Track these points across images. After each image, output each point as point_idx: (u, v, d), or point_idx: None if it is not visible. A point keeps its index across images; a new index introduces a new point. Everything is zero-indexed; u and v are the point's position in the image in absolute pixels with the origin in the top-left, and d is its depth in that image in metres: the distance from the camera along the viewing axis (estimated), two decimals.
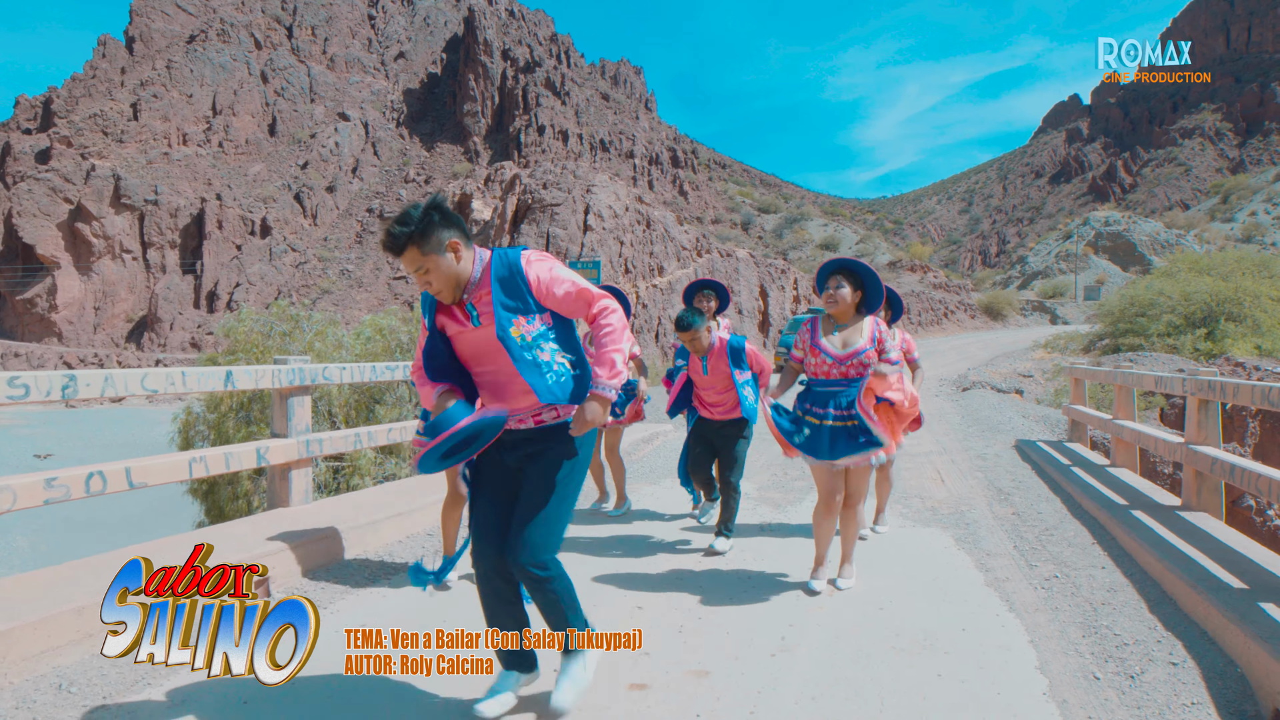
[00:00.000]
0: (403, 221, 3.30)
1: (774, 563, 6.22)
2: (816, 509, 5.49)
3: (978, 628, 4.75)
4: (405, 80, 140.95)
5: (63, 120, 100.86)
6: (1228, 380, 6.60)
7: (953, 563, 6.19)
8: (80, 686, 3.93)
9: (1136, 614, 5.01)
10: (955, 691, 3.89)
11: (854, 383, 5.21)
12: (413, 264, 3.34)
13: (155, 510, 22.91)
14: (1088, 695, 3.88)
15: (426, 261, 3.33)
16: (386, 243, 3.33)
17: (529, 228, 31.55)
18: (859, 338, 5.25)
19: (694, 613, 5.04)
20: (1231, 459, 6.32)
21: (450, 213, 3.42)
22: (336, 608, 5.17)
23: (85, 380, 5.15)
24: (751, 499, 8.55)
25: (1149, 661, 4.28)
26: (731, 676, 4.08)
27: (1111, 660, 4.31)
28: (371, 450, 12.21)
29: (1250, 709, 3.83)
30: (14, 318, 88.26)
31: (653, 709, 3.72)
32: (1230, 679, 4.08)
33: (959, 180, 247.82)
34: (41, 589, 4.54)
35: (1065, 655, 4.36)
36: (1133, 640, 4.56)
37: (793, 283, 50.27)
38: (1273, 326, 25.07)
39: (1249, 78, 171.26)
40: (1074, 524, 7.37)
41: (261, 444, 6.55)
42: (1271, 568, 5.25)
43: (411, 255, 3.31)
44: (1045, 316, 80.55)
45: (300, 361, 6.92)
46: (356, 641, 3.65)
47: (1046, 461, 10.32)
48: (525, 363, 3.43)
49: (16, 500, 4.66)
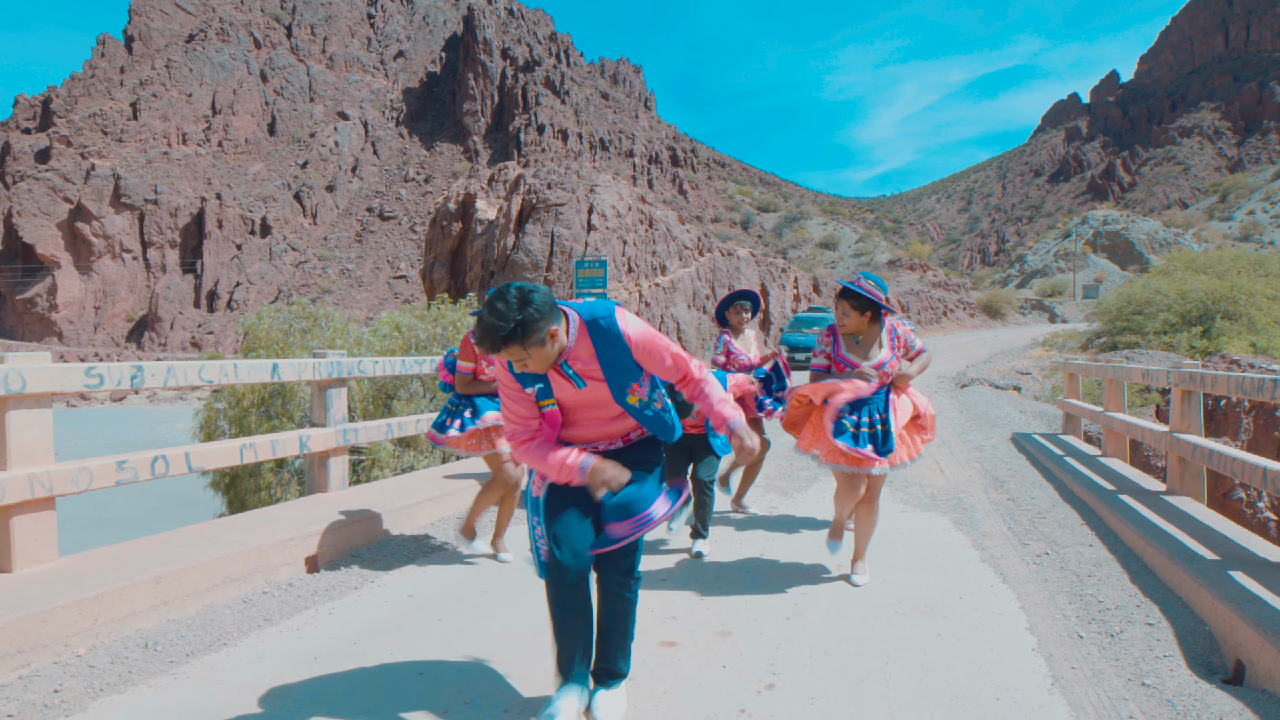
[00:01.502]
0: (500, 317, 3.17)
1: (784, 543, 6.67)
2: (838, 490, 5.61)
3: (973, 596, 5.19)
4: (405, 79, 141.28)
5: (62, 120, 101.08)
6: (1208, 372, 7.06)
7: (950, 542, 6.63)
8: (164, 645, 4.36)
9: (1119, 584, 5.46)
10: (953, 647, 4.33)
11: (876, 391, 5.38)
12: (514, 357, 3.29)
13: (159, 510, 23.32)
14: (1072, 650, 4.31)
15: (529, 354, 3.27)
16: (484, 341, 3.21)
17: (534, 227, 31.91)
18: (879, 350, 5.49)
19: (713, 585, 5.49)
20: (1211, 445, 6.76)
21: (541, 299, 3.27)
22: (382, 581, 5.60)
23: (151, 371, 5.58)
24: (759, 487, 9.00)
25: (1128, 623, 4.72)
26: (751, 635, 4.52)
27: (1094, 622, 4.75)
28: (390, 444, 12.65)
29: (1216, 660, 4.28)
30: (14, 317, 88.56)
31: (682, 662, 4.16)
32: (1200, 636, 4.54)
33: (958, 179, 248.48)
34: (118, 561, 4.97)
35: (1053, 618, 4.80)
36: (1114, 606, 5.01)
37: (793, 281, 50.69)
38: (1268, 324, 25.36)
39: (1247, 76, 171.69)
40: (1065, 508, 7.82)
41: (303, 433, 6.98)
42: (1243, 543, 5.70)
43: (513, 352, 3.25)
44: (1044, 315, 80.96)
45: (338, 355, 7.36)
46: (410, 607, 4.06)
47: (1041, 452, 10.76)
48: (647, 419, 3.60)
49: (93, 480, 5.09)
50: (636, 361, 3.50)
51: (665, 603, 5.10)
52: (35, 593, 4.35)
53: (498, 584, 5.54)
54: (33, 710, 3.62)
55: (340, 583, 5.55)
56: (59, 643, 4.17)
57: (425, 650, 4.33)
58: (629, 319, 3.49)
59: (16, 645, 3.97)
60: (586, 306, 3.48)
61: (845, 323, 5.50)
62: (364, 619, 4.83)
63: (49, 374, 4.86)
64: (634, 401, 3.54)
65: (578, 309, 3.48)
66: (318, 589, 5.39)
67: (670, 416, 3.70)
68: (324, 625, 4.73)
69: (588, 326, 3.42)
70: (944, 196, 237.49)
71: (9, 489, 4.62)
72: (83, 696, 3.78)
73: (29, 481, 4.72)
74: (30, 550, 4.81)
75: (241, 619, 4.81)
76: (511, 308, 3.17)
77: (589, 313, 3.46)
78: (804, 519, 7.49)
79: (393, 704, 3.68)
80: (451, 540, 6.76)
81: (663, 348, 3.54)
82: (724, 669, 4.07)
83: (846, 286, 5.54)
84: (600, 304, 3.49)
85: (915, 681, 3.91)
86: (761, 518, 7.58)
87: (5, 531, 4.73)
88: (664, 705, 3.67)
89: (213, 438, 13.98)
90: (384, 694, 3.79)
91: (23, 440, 4.79)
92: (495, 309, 3.18)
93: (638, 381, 3.54)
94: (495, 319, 3.16)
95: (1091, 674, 4.01)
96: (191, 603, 4.89)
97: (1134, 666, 4.11)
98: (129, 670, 4.07)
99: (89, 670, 4.03)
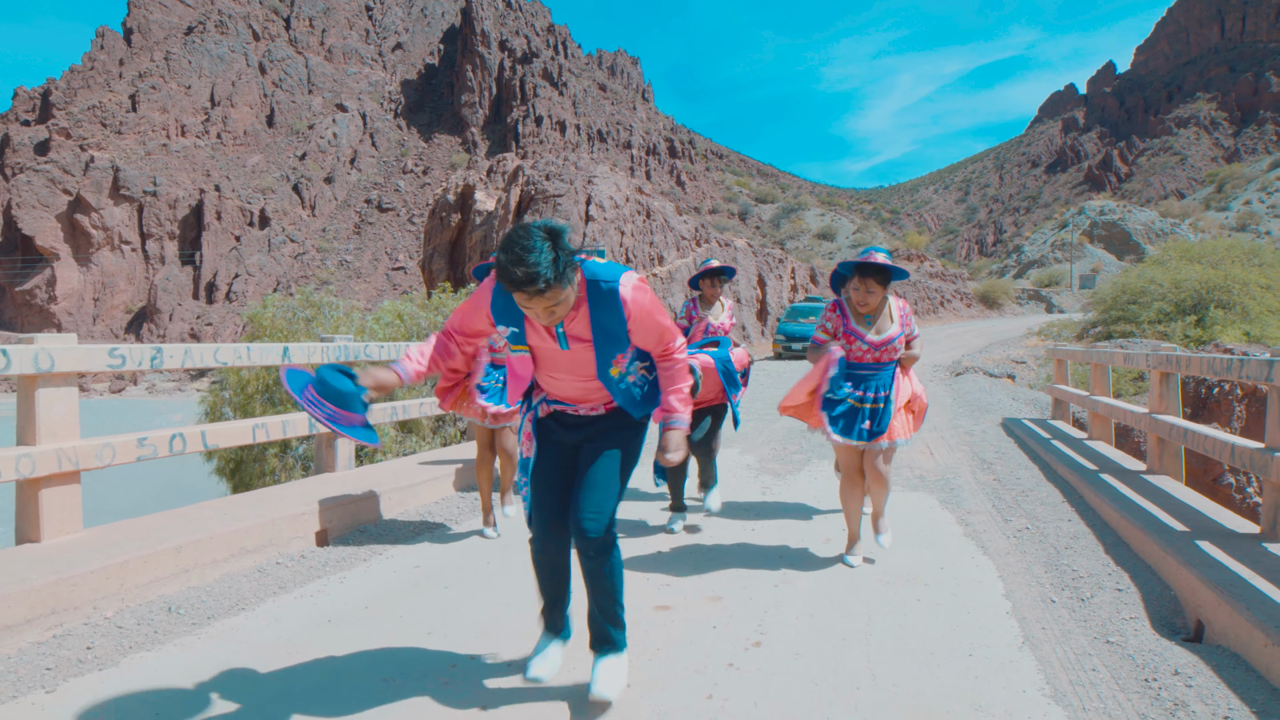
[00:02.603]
0: (538, 261, 2.96)
1: (775, 521, 6.93)
2: (842, 485, 5.60)
3: (955, 566, 5.45)
4: (403, 71, 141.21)
5: (61, 112, 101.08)
6: (1183, 354, 7.34)
7: (936, 519, 6.89)
8: (186, 610, 4.61)
9: (1094, 555, 5.73)
10: (931, 611, 4.59)
11: (883, 366, 5.40)
12: (550, 301, 3.09)
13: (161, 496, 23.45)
14: (1044, 613, 4.57)
15: (561, 295, 3.11)
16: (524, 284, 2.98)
17: (532, 218, 32.11)
18: (890, 324, 5.41)
19: (706, 556, 5.75)
20: (1187, 425, 7.02)
21: (567, 233, 3.15)
22: (390, 553, 5.86)
23: (169, 353, 5.82)
24: (753, 469, 9.27)
25: (1098, 589, 4.98)
26: (740, 600, 4.78)
27: (1067, 589, 5.01)
28: (392, 427, 12.92)
29: (1179, 622, 4.55)
30: (13, 309, 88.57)
31: (676, 623, 4.42)
32: (1165, 600, 4.80)
33: (956, 170, 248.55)
34: (140, 532, 5.23)
35: (1028, 586, 5.06)
36: (1087, 574, 5.27)
37: (790, 272, 50.94)
38: (1261, 313, 25.51)
39: (1243, 67, 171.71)
40: (1048, 487, 8.08)
41: None
42: (1214, 516, 5.98)
43: (552, 294, 3.06)
44: (1041, 305, 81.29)
45: (345, 340, 7.62)
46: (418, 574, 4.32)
47: (1029, 436, 11.03)
48: (618, 391, 3.48)
49: (116, 456, 5.35)
50: (629, 333, 3.38)
51: (660, 571, 5.37)
52: (65, 560, 4.61)
53: (500, 556, 5.80)
54: (68, 665, 3.87)
55: (350, 555, 5.81)
56: (88, 605, 4.42)
57: (433, 614, 4.58)
58: (632, 286, 3.32)
59: (50, 606, 4.22)
60: (590, 265, 3.32)
61: (869, 301, 5.33)
62: (374, 587, 5.09)
63: (75, 354, 5.11)
64: (614, 373, 3.45)
65: (582, 265, 3.31)
66: (329, 560, 5.65)
67: (640, 393, 3.59)
68: (336, 592, 4.98)
69: (588, 286, 3.28)
70: (941, 187, 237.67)
71: (39, 462, 4.87)
72: (114, 653, 4.03)
73: (56, 456, 4.97)
74: (57, 521, 5.06)
75: (258, 586, 5.07)
76: (543, 247, 2.99)
77: (590, 272, 3.30)
78: (795, 501, 7.73)
79: (402, 659, 3.93)
80: (453, 517, 7.03)
81: (658, 322, 3.42)
82: (714, 629, 4.33)
83: (873, 265, 5.30)
84: (605, 266, 3.33)
85: (894, 640, 4.17)
86: (754, 499, 7.84)
87: (34, 503, 4.98)
88: (657, 660, 3.92)
89: (218, 420, 14.22)
90: (395, 651, 4.04)
91: (51, 416, 5.04)
92: (526, 248, 2.97)
93: (623, 353, 3.44)
94: (532, 259, 2.96)
95: (1060, 633, 4.26)
96: (210, 571, 5.15)
97: (1101, 627, 4.36)
98: (155, 631, 4.33)
99: (118, 630, 4.29)
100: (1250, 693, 3.51)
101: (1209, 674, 3.71)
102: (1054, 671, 3.77)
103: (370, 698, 3.51)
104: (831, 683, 3.65)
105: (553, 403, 3.67)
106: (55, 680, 3.72)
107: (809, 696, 3.51)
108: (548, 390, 3.65)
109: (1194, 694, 3.52)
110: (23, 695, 3.56)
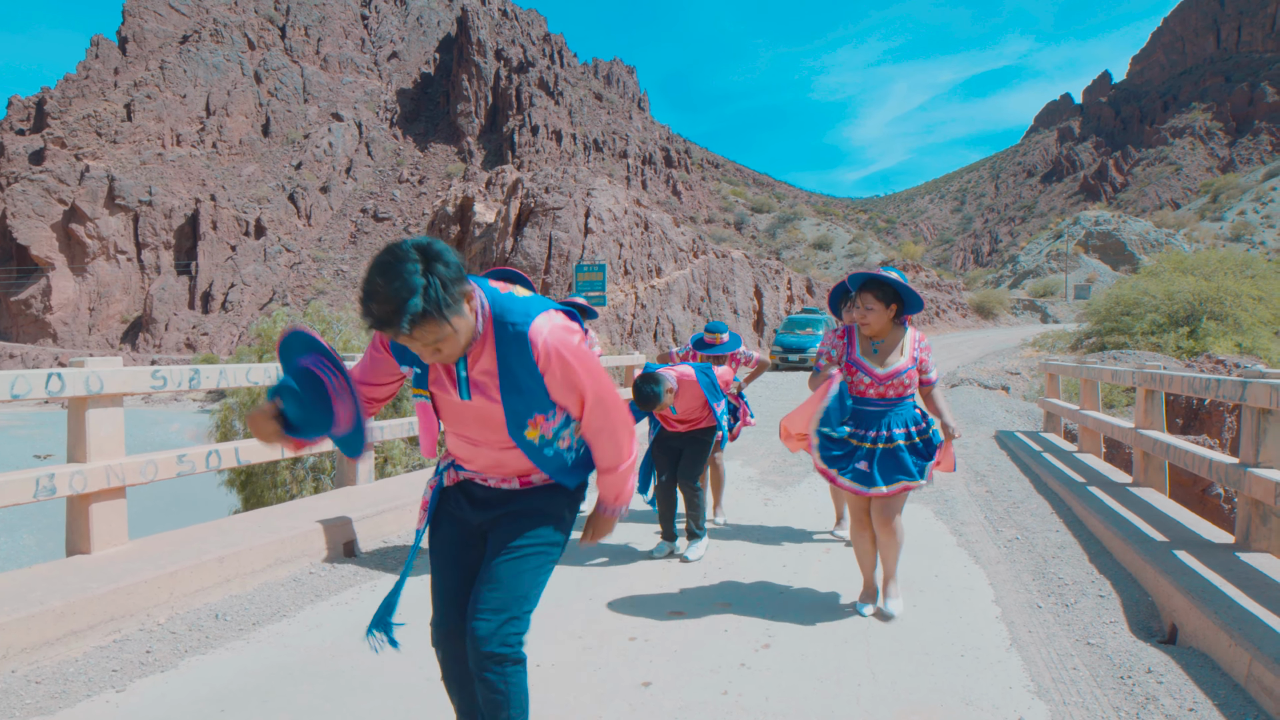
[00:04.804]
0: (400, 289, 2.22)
1: (778, 531, 7.29)
2: (851, 529, 5.10)
3: (948, 574, 5.81)
4: (398, 80, 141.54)
5: (56, 121, 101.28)
6: (1166, 372, 7.72)
7: (931, 530, 7.25)
8: (232, 616, 4.95)
9: (1079, 564, 6.10)
10: (926, 616, 4.95)
11: (895, 404, 4.79)
12: (430, 337, 2.36)
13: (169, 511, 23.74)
14: (1030, 618, 4.93)
15: (445, 330, 2.38)
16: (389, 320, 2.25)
17: (532, 230, 32.51)
18: (899, 357, 4.81)
19: (714, 565, 6.11)
20: (1170, 440, 7.41)
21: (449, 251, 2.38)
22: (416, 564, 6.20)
23: (206, 374, 6.17)
24: (754, 481, 9.64)
25: (1082, 595, 5.35)
26: (749, 606, 5.14)
27: (1053, 595, 5.37)
28: (402, 441, 13.27)
29: (1155, 626, 4.92)
30: (8, 319, 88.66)
31: (689, 627, 4.77)
32: (1144, 606, 5.17)
33: (951, 179, 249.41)
34: (183, 544, 5.57)
35: (1017, 592, 5.42)
36: (1072, 581, 5.63)
37: (786, 283, 51.34)
38: (1253, 325, 25.78)
39: (1239, 77, 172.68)
40: (1038, 498, 8.47)
41: None
42: (1192, 527, 6.35)
43: (426, 332, 2.33)
44: (1036, 315, 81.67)
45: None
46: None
47: (1021, 449, 11.40)
48: (542, 458, 2.75)
49: (159, 472, 5.69)
50: (547, 389, 2.66)
51: (670, 579, 5.72)
52: (117, 570, 4.94)
53: None
54: (132, 667, 4.21)
55: (377, 564, 6.16)
56: (142, 613, 4.76)
57: None
58: (549, 330, 2.59)
59: (109, 614, 4.56)
60: (500, 299, 2.59)
61: (868, 321, 4.76)
62: (404, 593, 5.41)
63: (121, 376, 5.46)
64: (533, 437, 2.70)
65: (489, 295, 2.59)
66: (358, 570, 5.99)
67: (574, 458, 2.86)
68: (369, 599, 5.32)
69: (495, 326, 2.56)
70: (937, 197, 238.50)
71: (90, 479, 5.21)
72: (171, 656, 4.37)
73: (105, 472, 5.31)
74: (106, 534, 5.40)
75: (295, 594, 5.40)
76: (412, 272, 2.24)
77: (499, 307, 2.58)
78: (796, 513, 8.08)
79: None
80: None
81: (581, 382, 2.67)
82: (725, 632, 4.68)
83: (873, 276, 4.79)
84: (519, 301, 2.61)
85: (890, 641, 4.53)
86: (757, 510, 8.18)
87: (85, 517, 5.32)
88: (675, 660, 4.27)
89: (229, 436, 14.55)
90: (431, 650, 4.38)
91: (100, 435, 5.38)
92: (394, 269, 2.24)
93: (544, 413, 2.69)
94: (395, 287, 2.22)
95: (1045, 636, 4.63)
96: (250, 580, 5.49)
97: (1083, 630, 4.73)
98: (206, 636, 4.66)
99: (171, 636, 4.62)
100: (1215, 688, 3.87)
101: (1179, 672, 4.07)
102: (1038, 670, 4.12)
103: (412, 692, 3.87)
104: (835, 680, 4.01)
105: (462, 469, 2.94)
106: (123, 681, 4.06)
107: (815, 692, 3.87)
108: (454, 452, 2.93)
109: (1164, 689, 3.88)
110: (96, 694, 3.90)
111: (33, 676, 4.03)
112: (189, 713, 3.71)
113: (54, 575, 4.81)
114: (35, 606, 4.27)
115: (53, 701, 3.81)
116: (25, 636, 4.15)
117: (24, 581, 4.68)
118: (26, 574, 4.86)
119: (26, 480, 4.89)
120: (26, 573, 4.89)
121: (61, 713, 3.71)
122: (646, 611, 5.04)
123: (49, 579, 4.73)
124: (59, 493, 5.06)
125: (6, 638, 4.06)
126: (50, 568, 5.01)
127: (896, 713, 3.67)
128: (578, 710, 3.72)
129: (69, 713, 3.72)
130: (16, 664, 4.08)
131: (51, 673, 4.09)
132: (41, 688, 3.93)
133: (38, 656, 4.17)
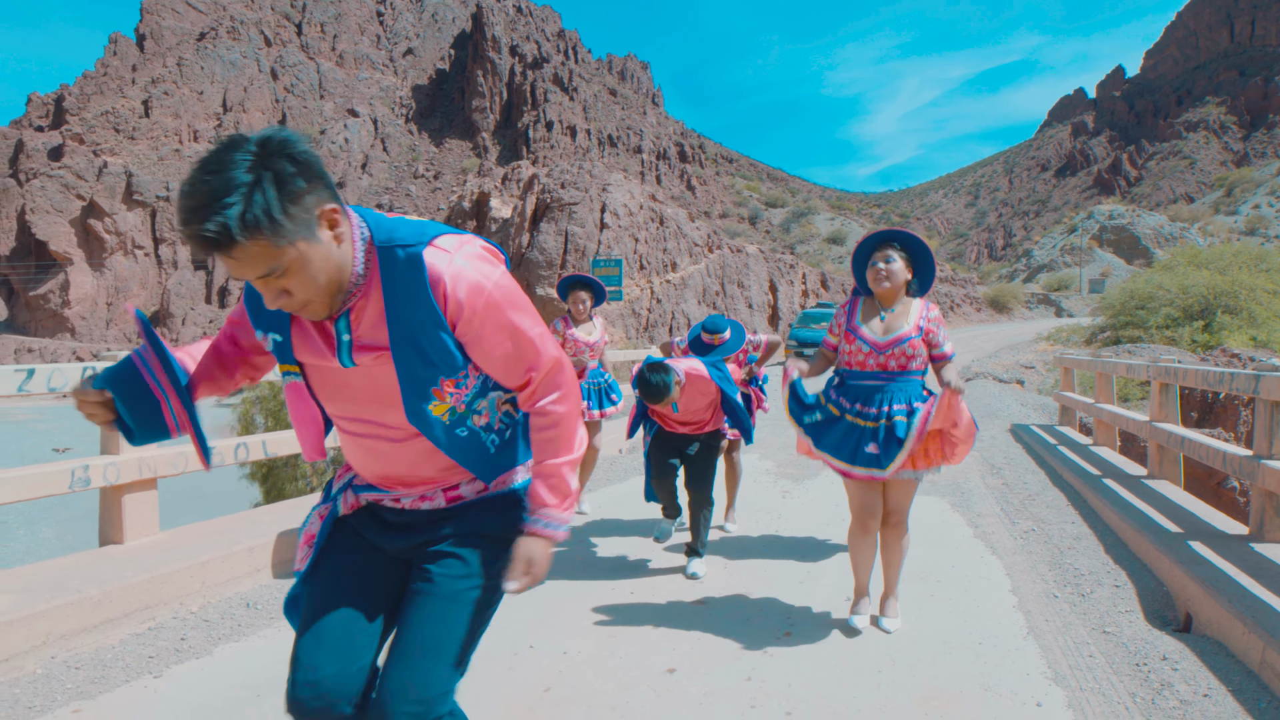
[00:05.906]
0: (215, 187, 1.62)
1: (796, 524, 7.36)
2: (850, 529, 4.74)
3: (965, 565, 5.89)
4: (414, 76, 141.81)
5: (75, 117, 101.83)
6: (1180, 366, 7.76)
7: (948, 521, 7.31)
8: (262, 605, 5.05)
9: (1094, 554, 6.16)
10: (944, 605, 5.03)
11: (895, 377, 4.38)
12: (263, 265, 1.71)
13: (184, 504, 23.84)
14: (1047, 607, 5.00)
15: (284, 257, 1.72)
16: (195, 233, 1.64)
17: (548, 226, 32.59)
18: (904, 323, 4.39)
19: (736, 556, 6.20)
20: (1184, 433, 7.46)
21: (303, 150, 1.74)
22: None
23: None
24: (772, 474, 9.72)
25: (1098, 585, 5.41)
26: (770, 596, 5.23)
27: (1069, 585, 5.44)
28: None
29: (1170, 614, 4.99)
30: (27, 313, 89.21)
31: (713, 616, 4.86)
32: (1158, 595, 5.24)
33: (965, 174, 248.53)
34: (213, 534, 5.69)
35: (1033, 582, 5.49)
36: (1088, 572, 5.70)
37: (800, 277, 51.36)
38: (1268, 319, 25.67)
39: (1253, 71, 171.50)
40: (1054, 491, 8.52)
41: None
42: (1206, 519, 6.40)
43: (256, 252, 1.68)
44: (1050, 309, 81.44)
45: None
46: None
47: (1036, 442, 11.44)
48: (454, 442, 2.06)
49: (189, 464, 5.80)
50: (458, 340, 1.98)
51: None
52: (150, 560, 5.06)
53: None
54: (167, 654, 4.32)
55: None
56: (175, 601, 4.87)
57: None
58: (462, 259, 1.94)
59: (144, 602, 4.68)
60: (388, 222, 1.95)
61: (891, 275, 4.38)
62: None
63: None
64: (440, 413, 2.02)
65: (372, 220, 1.95)
66: None
67: (500, 441, 2.16)
68: None
69: (380, 255, 1.90)
70: (951, 191, 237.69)
71: (123, 470, 5.33)
72: (205, 643, 4.48)
73: (138, 465, 5.43)
74: (138, 525, 5.52)
75: None
76: (244, 158, 1.65)
77: (385, 232, 1.92)
78: (814, 504, 8.15)
79: None
80: None
81: (512, 325, 2.00)
82: (749, 622, 4.77)
83: (894, 232, 4.51)
84: (414, 222, 1.97)
85: (910, 630, 4.61)
86: (776, 503, 8.26)
87: (118, 508, 5.43)
88: (699, 647, 4.36)
89: (249, 430, 14.68)
90: None
91: None
92: (219, 160, 1.65)
93: (453, 376, 2.00)
94: (219, 178, 1.62)
95: (1062, 625, 4.70)
96: (277, 569, 5.60)
97: (1099, 619, 4.79)
98: (238, 624, 4.77)
99: (205, 624, 4.73)
100: (1229, 674, 3.94)
101: (1193, 659, 4.14)
102: (1055, 658, 4.20)
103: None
104: (855, 667, 4.09)
105: (364, 489, 2.23)
106: (159, 667, 4.17)
107: (835, 679, 3.95)
108: (351, 462, 2.23)
109: (1179, 676, 3.95)
110: (134, 680, 4.01)
111: (72, 662, 4.14)
112: (225, 699, 3.81)
113: (89, 565, 4.93)
114: (73, 594, 4.38)
115: (93, 686, 3.93)
116: (64, 623, 4.26)
117: (61, 570, 4.80)
118: (63, 563, 4.98)
119: (62, 472, 5.00)
120: (63, 562, 5.01)
121: (102, 697, 3.82)
122: (668, 599, 5.14)
123: (85, 568, 4.85)
124: (93, 484, 5.17)
125: (47, 624, 4.18)
126: (85, 557, 5.13)
127: (916, 699, 3.75)
128: (603, 696, 3.81)
129: (109, 698, 3.83)
130: (56, 650, 4.19)
131: (90, 658, 4.20)
132: (81, 673, 4.05)
133: (76, 643, 4.29)
